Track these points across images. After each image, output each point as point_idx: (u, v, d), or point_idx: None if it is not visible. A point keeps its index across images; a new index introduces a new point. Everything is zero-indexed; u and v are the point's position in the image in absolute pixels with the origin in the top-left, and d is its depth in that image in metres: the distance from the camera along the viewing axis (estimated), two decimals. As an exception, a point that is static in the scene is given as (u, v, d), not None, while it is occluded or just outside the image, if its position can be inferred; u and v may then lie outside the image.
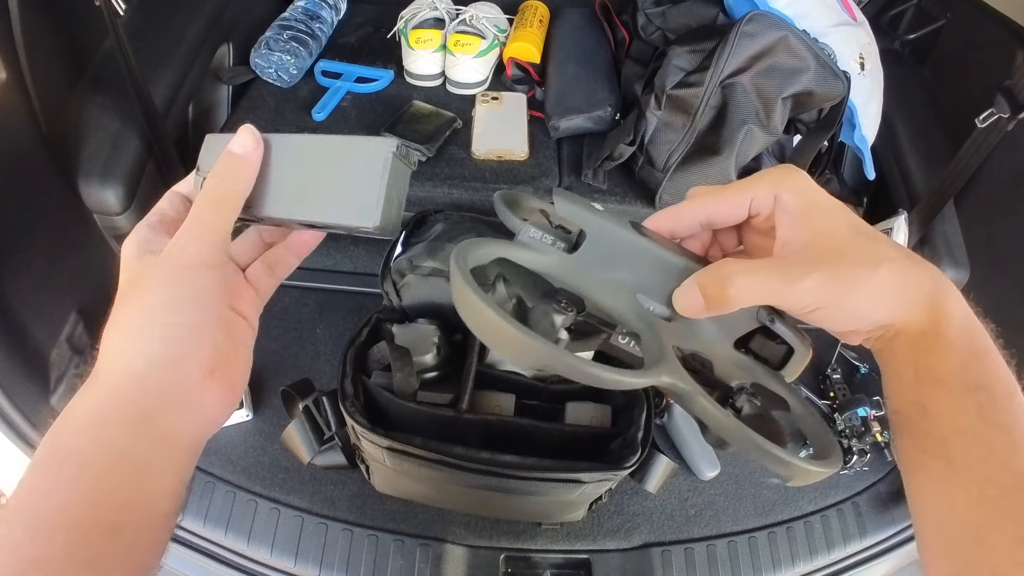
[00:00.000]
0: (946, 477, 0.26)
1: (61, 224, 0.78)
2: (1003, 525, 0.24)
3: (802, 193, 0.29)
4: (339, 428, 0.68)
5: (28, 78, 0.72)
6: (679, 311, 0.30)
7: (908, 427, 0.28)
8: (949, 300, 0.27)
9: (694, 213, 0.32)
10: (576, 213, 0.30)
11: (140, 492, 0.27)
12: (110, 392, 0.27)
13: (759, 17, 0.80)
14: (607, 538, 0.77)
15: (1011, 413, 0.26)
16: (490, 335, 0.26)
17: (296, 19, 1.07)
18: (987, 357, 0.27)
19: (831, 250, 0.27)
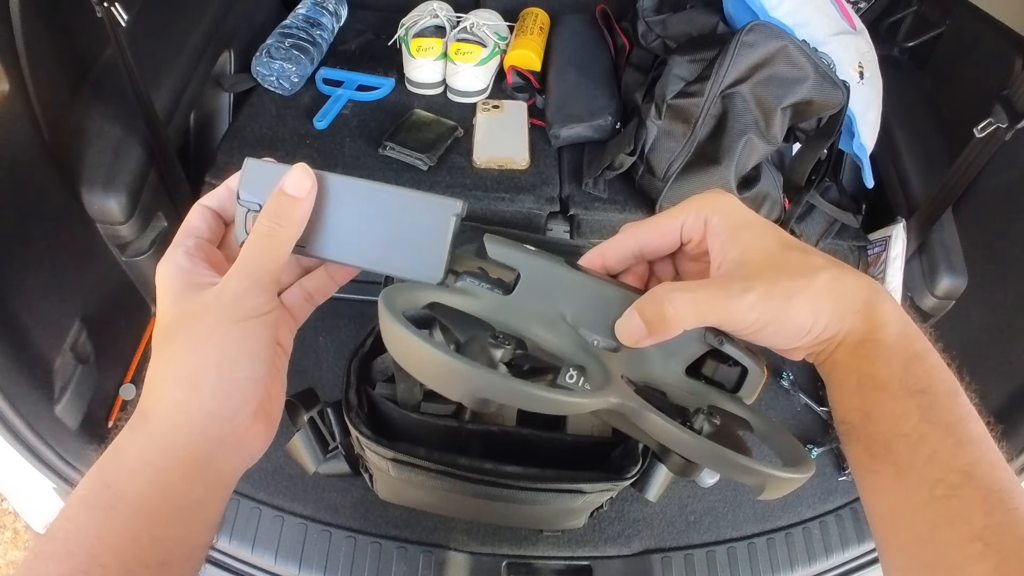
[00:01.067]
0: (895, 481, 0.26)
1: (64, 233, 0.79)
2: (954, 523, 0.25)
3: (730, 214, 0.29)
4: (343, 438, 0.69)
5: (30, 87, 0.72)
6: (622, 341, 0.29)
7: (855, 434, 0.28)
8: (884, 306, 0.28)
9: (625, 245, 0.32)
10: (507, 254, 0.30)
11: (188, 530, 0.28)
12: (167, 439, 0.27)
13: (759, 27, 0.81)
14: (608, 545, 0.77)
15: (953, 413, 0.26)
16: (422, 367, 0.25)
17: (297, 26, 1.07)
18: (927, 360, 0.27)
19: (765, 265, 0.28)
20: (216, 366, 0.27)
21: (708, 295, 0.27)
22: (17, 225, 0.71)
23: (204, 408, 0.27)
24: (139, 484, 0.27)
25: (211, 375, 0.27)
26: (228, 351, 0.28)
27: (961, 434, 0.26)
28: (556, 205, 0.92)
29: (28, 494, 0.80)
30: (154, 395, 0.28)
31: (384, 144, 0.94)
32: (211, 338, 0.27)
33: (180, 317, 0.28)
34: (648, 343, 0.29)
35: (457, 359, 0.24)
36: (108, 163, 0.80)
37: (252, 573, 0.74)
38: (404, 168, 0.93)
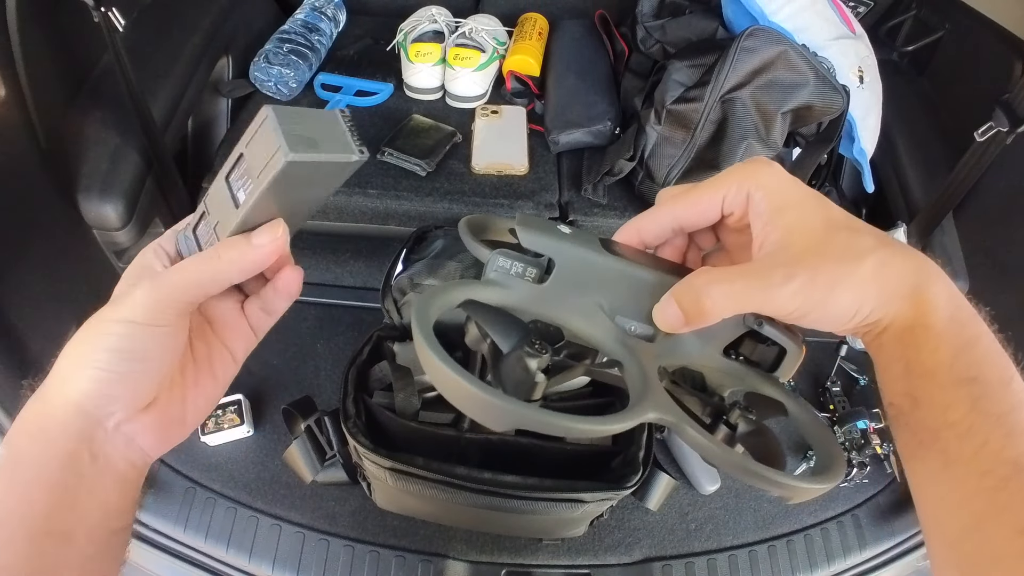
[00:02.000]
0: (942, 469, 0.26)
1: (60, 239, 0.78)
2: (1001, 516, 0.24)
3: (773, 190, 0.28)
4: (341, 447, 0.68)
5: (27, 93, 0.72)
6: (660, 327, 0.29)
7: (903, 419, 0.27)
8: (934, 289, 0.26)
9: (663, 220, 0.31)
10: (541, 242, 0.30)
11: (90, 505, 0.28)
12: (55, 411, 0.28)
13: (759, 32, 0.80)
14: (608, 553, 0.77)
15: (1006, 402, 0.25)
16: (460, 400, 0.25)
17: (296, 32, 1.06)
18: (979, 345, 0.26)
19: (809, 249, 0.26)
20: (97, 354, 0.28)
21: (746, 286, 0.26)
22: (13, 231, 0.71)
23: (78, 386, 0.28)
24: (35, 449, 0.28)
25: (90, 359, 0.28)
26: (111, 345, 0.28)
27: (1013, 425, 0.25)
28: (555, 211, 0.92)
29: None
30: (58, 360, 0.29)
31: (382, 150, 0.93)
32: (105, 332, 0.28)
33: (113, 300, 0.29)
34: (686, 330, 0.28)
35: (493, 395, 0.24)
36: (105, 169, 0.80)
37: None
38: (402, 174, 0.93)
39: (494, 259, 0.30)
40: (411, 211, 0.91)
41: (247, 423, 0.80)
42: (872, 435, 0.86)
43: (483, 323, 0.29)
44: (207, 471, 0.78)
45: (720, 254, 0.33)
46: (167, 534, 0.74)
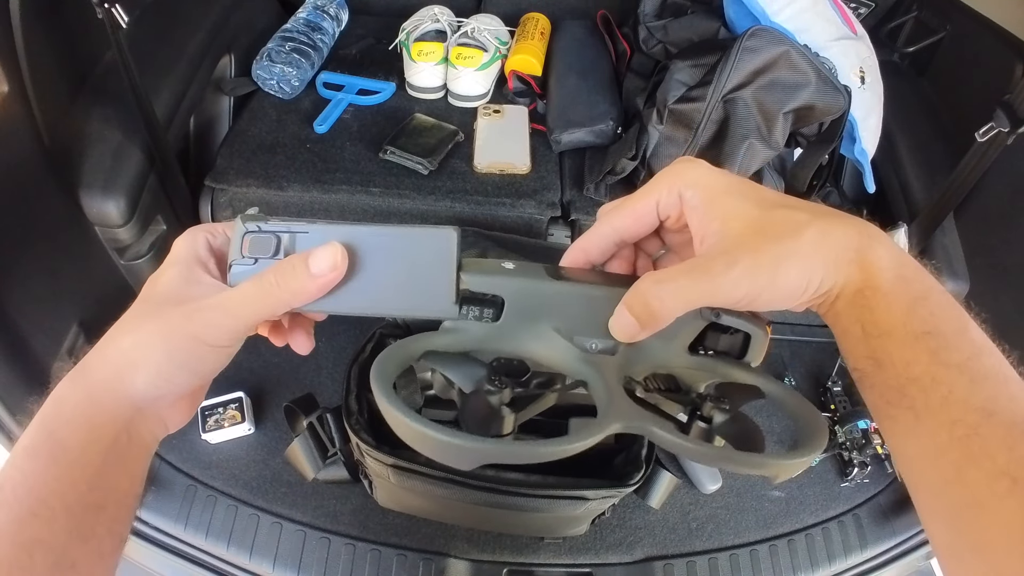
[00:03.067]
0: (914, 424, 0.26)
1: (62, 236, 0.78)
2: (978, 462, 0.24)
3: (703, 184, 0.28)
4: (343, 444, 0.68)
5: (30, 90, 0.71)
6: (618, 338, 0.29)
7: (867, 381, 0.28)
8: (878, 251, 0.27)
9: (605, 235, 0.31)
10: (487, 282, 0.30)
11: (118, 480, 0.31)
12: (100, 400, 0.29)
13: (761, 32, 0.80)
14: (609, 552, 0.77)
15: (963, 350, 0.26)
16: (428, 449, 0.26)
17: (298, 30, 1.07)
18: (930, 299, 0.26)
19: (747, 232, 0.27)
20: (161, 361, 0.29)
21: (691, 281, 0.27)
22: (15, 228, 0.71)
23: (135, 387, 0.29)
24: (77, 435, 0.29)
25: (152, 366, 0.29)
26: (177, 358, 0.29)
27: (975, 371, 0.25)
28: (557, 210, 0.92)
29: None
30: (102, 354, 0.30)
31: (385, 148, 0.93)
32: (171, 337, 0.29)
33: (169, 293, 0.30)
34: (644, 336, 0.29)
35: (456, 437, 0.25)
36: (107, 166, 0.80)
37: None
38: (405, 173, 0.93)
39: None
40: (413, 210, 0.91)
41: (248, 421, 0.80)
42: (873, 434, 0.87)
43: (444, 370, 0.30)
44: (208, 469, 0.78)
45: (669, 256, 0.34)
46: (168, 532, 0.74)
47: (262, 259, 0.30)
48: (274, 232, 0.30)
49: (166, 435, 0.33)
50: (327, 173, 0.91)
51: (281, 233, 0.30)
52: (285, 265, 0.29)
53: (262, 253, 0.30)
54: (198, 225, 0.33)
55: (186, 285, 0.30)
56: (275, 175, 0.90)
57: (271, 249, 0.30)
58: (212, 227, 0.33)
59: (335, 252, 0.29)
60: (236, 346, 0.31)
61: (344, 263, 0.29)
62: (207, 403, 0.80)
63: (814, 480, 0.85)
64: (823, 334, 1.02)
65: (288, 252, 0.30)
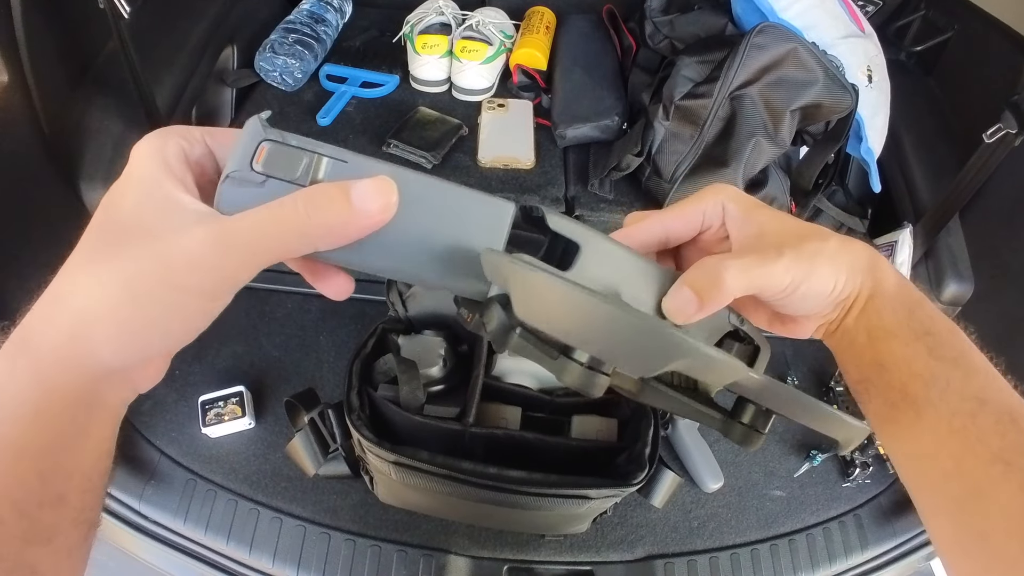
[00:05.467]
0: (915, 422, 0.28)
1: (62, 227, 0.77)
2: (975, 449, 0.26)
3: (742, 199, 0.31)
4: (344, 440, 0.68)
5: (30, 80, 0.71)
6: (673, 317, 0.29)
7: (872, 390, 0.30)
8: (883, 263, 0.30)
9: (653, 231, 0.32)
10: (570, 227, 0.29)
11: (78, 460, 0.25)
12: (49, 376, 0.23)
13: (769, 29, 0.80)
14: (610, 550, 0.77)
15: (956, 347, 0.28)
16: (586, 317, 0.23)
17: (301, 22, 1.06)
18: (925, 305, 0.30)
19: (784, 234, 0.29)
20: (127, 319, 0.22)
21: (752, 262, 0.28)
22: (15, 219, 0.70)
23: (95, 355, 0.23)
24: (21, 424, 0.23)
25: (115, 325, 0.23)
26: (150, 313, 0.23)
27: (967, 366, 0.28)
28: (561, 206, 0.91)
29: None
30: (47, 316, 0.23)
31: (388, 142, 0.93)
32: (139, 284, 0.22)
33: (132, 220, 0.23)
34: (699, 316, 0.28)
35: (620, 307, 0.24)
36: (108, 158, 0.79)
37: (249, 575, 0.73)
38: (408, 166, 0.92)
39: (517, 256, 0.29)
40: (416, 204, 0.90)
41: (249, 415, 0.79)
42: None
43: None
44: (208, 463, 0.78)
45: None
46: (167, 526, 0.74)
47: (278, 180, 0.24)
48: (303, 149, 0.24)
49: (136, 397, 0.27)
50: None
51: (311, 152, 0.24)
52: (318, 192, 0.23)
53: (283, 172, 0.24)
54: (167, 127, 0.25)
55: (157, 209, 0.23)
56: (277, 168, 0.89)
57: (298, 169, 0.24)
58: (186, 131, 0.26)
59: (388, 189, 0.23)
60: (228, 297, 0.24)
61: (395, 205, 0.24)
62: (207, 397, 0.79)
63: (815, 480, 0.85)
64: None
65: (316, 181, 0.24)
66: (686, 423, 0.84)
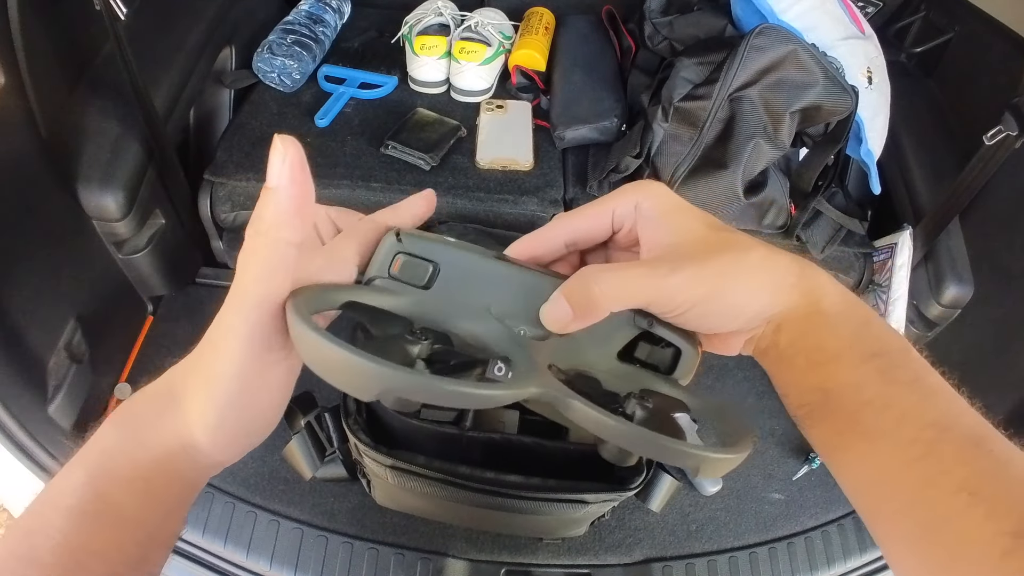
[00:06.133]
0: (869, 451, 0.25)
1: (60, 230, 0.77)
2: (936, 480, 0.24)
3: (660, 199, 0.29)
4: (341, 443, 0.68)
5: (27, 82, 0.70)
6: (548, 326, 0.28)
7: (816, 415, 0.27)
8: (820, 278, 0.27)
9: (557, 234, 0.31)
10: (427, 246, 0.29)
11: (168, 529, 0.29)
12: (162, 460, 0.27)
13: (769, 30, 0.79)
14: (608, 553, 0.76)
15: (911, 369, 0.26)
16: (330, 367, 0.23)
17: (299, 23, 1.05)
18: (874, 324, 0.27)
19: (695, 245, 0.27)
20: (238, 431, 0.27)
21: (636, 275, 0.27)
22: (12, 222, 0.70)
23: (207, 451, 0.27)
24: (132, 497, 0.26)
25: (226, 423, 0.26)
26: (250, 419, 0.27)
27: (924, 389, 0.25)
28: (560, 207, 0.91)
29: (21, 494, 0.79)
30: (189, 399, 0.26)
31: (386, 143, 0.93)
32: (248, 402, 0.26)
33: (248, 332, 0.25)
34: (575, 327, 0.28)
35: (365, 357, 0.22)
36: (105, 159, 0.79)
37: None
38: (406, 168, 0.92)
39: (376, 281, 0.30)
40: (414, 206, 0.90)
41: (246, 418, 0.79)
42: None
43: (368, 323, 0.28)
44: (205, 465, 0.78)
45: None
46: (165, 528, 0.74)
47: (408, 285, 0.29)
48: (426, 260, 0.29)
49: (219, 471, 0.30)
50: (328, 168, 0.90)
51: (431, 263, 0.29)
52: None
53: (411, 279, 0.29)
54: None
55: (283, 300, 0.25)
56: (275, 169, 0.89)
57: (424, 277, 0.29)
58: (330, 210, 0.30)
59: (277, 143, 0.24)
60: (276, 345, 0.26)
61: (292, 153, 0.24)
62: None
63: (814, 483, 0.85)
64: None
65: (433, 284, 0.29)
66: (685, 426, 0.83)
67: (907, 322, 0.92)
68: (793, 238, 0.92)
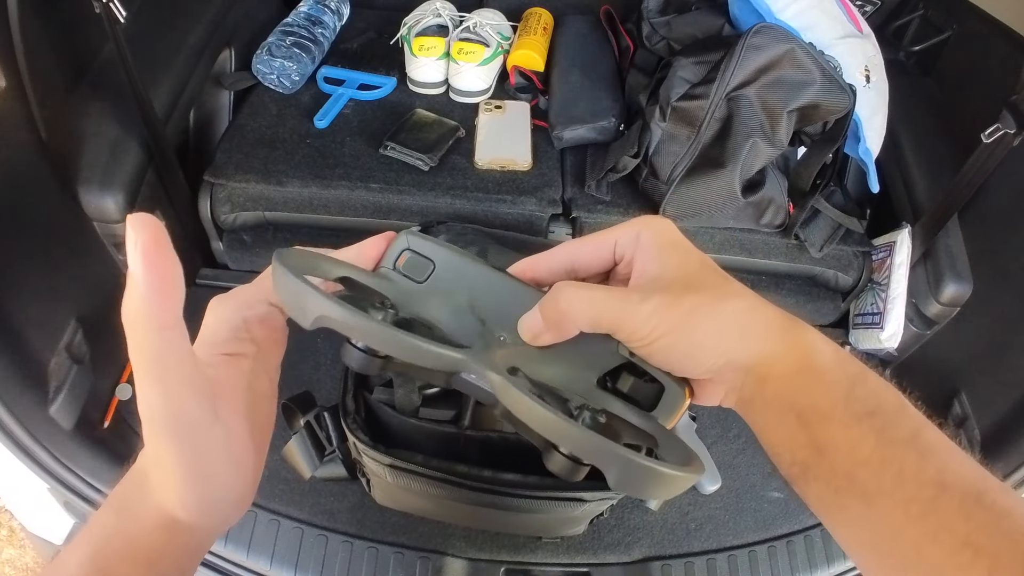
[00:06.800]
0: (866, 511, 0.25)
1: (60, 231, 0.78)
2: (938, 537, 0.24)
3: (662, 232, 0.29)
4: (340, 443, 0.68)
5: (28, 84, 0.71)
6: (521, 335, 0.29)
7: (811, 473, 0.27)
8: (810, 335, 0.27)
9: (558, 259, 0.31)
10: (427, 246, 0.31)
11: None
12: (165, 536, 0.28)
13: (766, 29, 0.80)
14: (607, 552, 0.77)
15: (908, 426, 0.26)
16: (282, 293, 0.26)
17: (299, 24, 1.06)
18: (868, 380, 0.27)
19: (678, 279, 0.27)
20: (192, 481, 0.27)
21: (605, 296, 0.27)
22: (13, 223, 0.70)
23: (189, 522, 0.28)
24: (134, 569, 0.27)
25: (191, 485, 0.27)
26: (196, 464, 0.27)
27: (922, 446, 0.25)
28: (558, 207, 0.91)
29: (22, 494, 0.79)
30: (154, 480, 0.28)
31: (385, 144, 0.93)
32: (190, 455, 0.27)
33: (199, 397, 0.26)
34: (545, 340, 0.28)
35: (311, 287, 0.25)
36: (105, 161, 0.80)
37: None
38: (405, 168, 0.92)
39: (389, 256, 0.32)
40: (413, 206, 0.90)
41: (246, 418, 0.79)
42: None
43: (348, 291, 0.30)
44: (206, 465, 0.78)
45: None
46: (165, 528, 0.74)
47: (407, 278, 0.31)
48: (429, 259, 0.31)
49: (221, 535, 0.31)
50: (327, 168, 0.90)
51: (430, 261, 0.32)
52: None
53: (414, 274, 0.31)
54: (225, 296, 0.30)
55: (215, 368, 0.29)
56: (274, 170, 0.89)
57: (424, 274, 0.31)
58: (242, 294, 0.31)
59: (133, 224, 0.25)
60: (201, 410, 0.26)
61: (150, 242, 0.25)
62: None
63: (814, 481, 0.85)
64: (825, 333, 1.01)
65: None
66: (684, 425, 0.84)
67: (906, 320, 0.92)
68: (791, 237, 0.92)
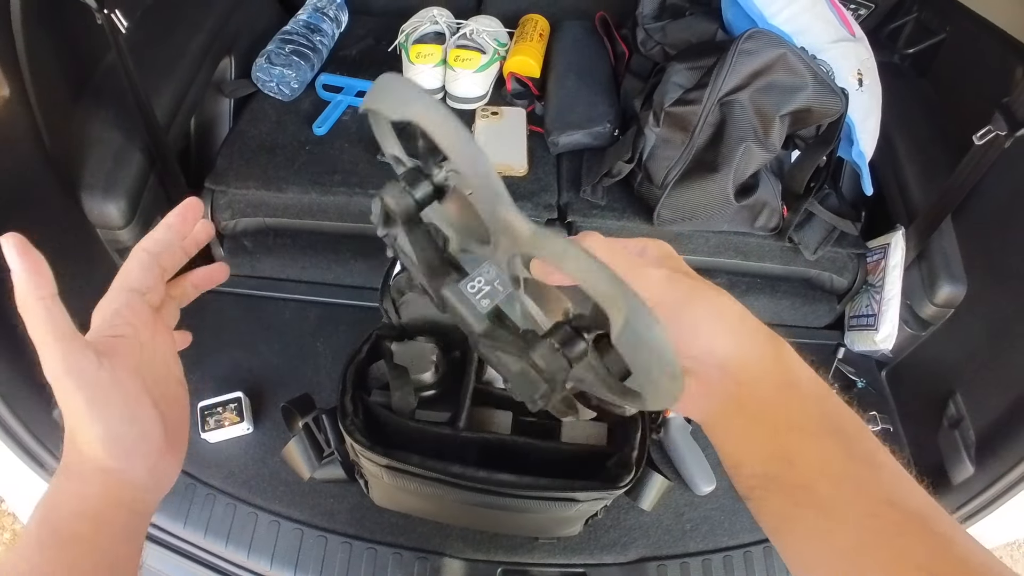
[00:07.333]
0: (822, 523, 0.26)
1: (64, 238, 0.79)
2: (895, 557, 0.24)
3: (664, 248, 0.31)
4: (339, 444, 0.69)
5: (31, 92, 0.72)
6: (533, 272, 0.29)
7: (774, 484, 0.27)
8: (787, 349, 0.29)
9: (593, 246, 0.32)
10: None
11: (125, 556, 0.32)
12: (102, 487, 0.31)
13: (758, 34, 0.80)
14: (604, 552, 0.77)
15: (866, 446, 0.27)
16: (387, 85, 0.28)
17: (298, 32, 1.07)
18: (834, 398, 0.28)
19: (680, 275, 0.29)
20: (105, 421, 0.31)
21: (624, 253, 0.29)
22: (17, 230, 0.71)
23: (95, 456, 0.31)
24: (82, 526, 0.31)
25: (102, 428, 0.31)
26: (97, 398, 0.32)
27: (879, 464, 0.27)
28: (554, 212, 0.92)
29: (26, 496, 0.81)
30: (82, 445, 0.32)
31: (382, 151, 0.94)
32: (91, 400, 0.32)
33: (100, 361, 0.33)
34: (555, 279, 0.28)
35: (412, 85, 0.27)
36: (108, 168, 0.81)
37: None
38: (403, 174, 0.93)
39: None
40: (411, 211, 0.91)
41: (247, 420, 0.80)
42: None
43: None
44: (207, 467, 0.79)
45: None
46: (167, 529, 0.75)
47: None
48: None
49: (161, 496, 0.34)
50: (326, 175, 0.91)
51: None
52: None
53: None
54: None
55: None
56: (274, 177, 0.90)
57: None
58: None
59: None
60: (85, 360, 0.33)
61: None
62: (206, 403, 0.81)
63: (809, 482, 0.86)
64: (820, 336, 1.02)
65: None
66: (679, 427, 0.84)
67: (901, 322, 0.93)
68: (786, 240, 0.93)
